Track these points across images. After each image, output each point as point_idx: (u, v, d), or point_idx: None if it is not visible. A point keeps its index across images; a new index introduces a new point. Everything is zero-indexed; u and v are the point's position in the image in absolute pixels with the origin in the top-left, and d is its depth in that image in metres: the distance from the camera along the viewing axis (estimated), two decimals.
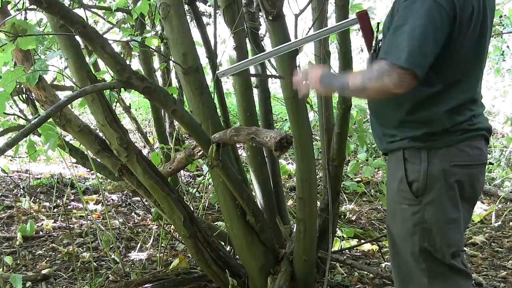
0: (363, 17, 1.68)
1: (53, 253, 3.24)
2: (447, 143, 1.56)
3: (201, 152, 2.15)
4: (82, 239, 3.43)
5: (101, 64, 3.50)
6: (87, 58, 2.48)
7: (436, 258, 1.62)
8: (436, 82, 1.54)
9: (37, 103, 2.64)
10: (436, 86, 1.55)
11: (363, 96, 1.61)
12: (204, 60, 2.65)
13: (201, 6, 5.27)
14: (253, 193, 2.72)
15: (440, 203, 1.58)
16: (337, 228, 3.20)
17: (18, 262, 3.07)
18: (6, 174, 4.53)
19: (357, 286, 2.80)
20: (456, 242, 1.63)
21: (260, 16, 2.81)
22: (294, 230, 2.53)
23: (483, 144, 1.62)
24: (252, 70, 2.79)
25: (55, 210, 4.00)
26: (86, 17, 3.30)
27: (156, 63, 4.15)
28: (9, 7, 2.47)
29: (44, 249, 3.29)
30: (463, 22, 1.49)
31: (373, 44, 1.67)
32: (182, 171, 4.28)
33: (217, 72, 1.97)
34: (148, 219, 3.85)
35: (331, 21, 2.98)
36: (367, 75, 1.50)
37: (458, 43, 1.51)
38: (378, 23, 1.66)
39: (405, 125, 1.60)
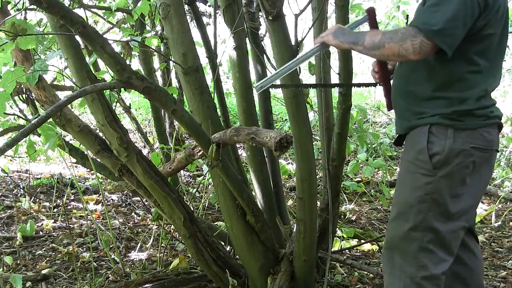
0: (372, 13, 1.85)
1: (53, 253, 3.25)
2: (471, 125, 1.70)
3: (201, 152, 2.15)
4: (82, 239, 3.43)
5: (101, 64, 3.50)
6: (87, 58, 2.48)
7: (433, 228, 1.73)
8: (470, 63, 1.68)
9: (37, 103, 2.64)
10: (469, 67, 1.68)
11: (373, 54, 1.71)
12: (204, 60, 2.65)
13: (201, 6, 5.26)
14: (253, 193, 2.72)
15: (453, 178, 1.72)
16: (337, 228, 3.20)
17: (18, 262, 3.08)
18: (6, 174, 4.53)
19: (357, 286, 2.80)
20: (456, 214, 1.75)
21: (260, 16, 2.80)
22: (294, 230, 2.53)
23: (496, 132, 1.78)
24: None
25: (55, 210, 4.00)
26: (86, 17, 3.30)
27: (156, 63, 4.15)
28: (9, 7, 2.46)
29: (44, 249, 3.30)
30: (491, 13, 1.63)
31: None
32: (182, 171, 4.28)
33: (254, 86, 2.02)
34: (148, 219, 3.85)
35: (331, 21, 2.98)
36: (389, 35, 1.64)
37: (486, 31, 1.65)
38: (408, 15, 1.79)
39: (435, 101, 1.72)
